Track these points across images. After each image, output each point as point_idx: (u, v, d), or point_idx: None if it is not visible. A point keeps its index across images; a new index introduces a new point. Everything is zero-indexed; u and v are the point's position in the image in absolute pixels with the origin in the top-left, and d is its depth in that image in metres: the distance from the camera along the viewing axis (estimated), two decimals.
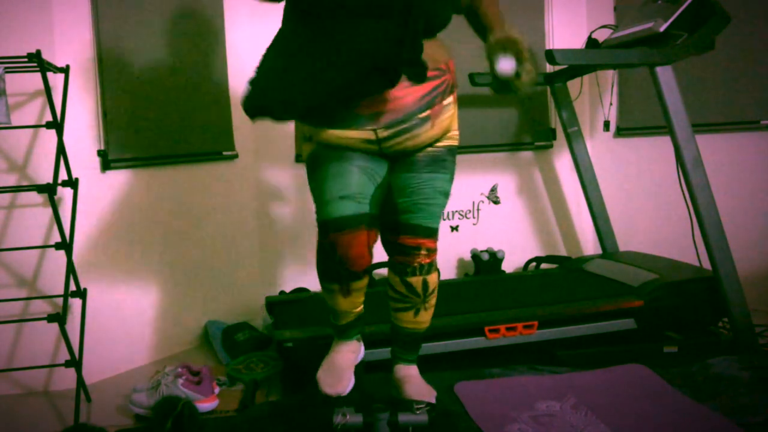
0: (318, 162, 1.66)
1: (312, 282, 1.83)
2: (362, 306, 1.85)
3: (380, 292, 1.91)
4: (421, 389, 1.79)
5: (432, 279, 1.78)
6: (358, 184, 1.63)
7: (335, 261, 1.65)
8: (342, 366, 1.81)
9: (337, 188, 1.61)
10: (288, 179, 2.92)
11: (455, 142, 1.76)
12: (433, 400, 1.76)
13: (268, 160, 2.90)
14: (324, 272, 1.74)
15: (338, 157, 1.64)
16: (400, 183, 1.71)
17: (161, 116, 2.51)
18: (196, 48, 2.63)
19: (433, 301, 1.81)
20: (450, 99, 1.70)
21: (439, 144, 1.71)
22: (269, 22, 1.83)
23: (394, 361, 1.87)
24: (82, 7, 2.29)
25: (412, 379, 1.83)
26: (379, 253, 1.85)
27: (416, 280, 1.74)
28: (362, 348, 1.92)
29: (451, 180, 1.77)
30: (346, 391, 1.76)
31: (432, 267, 1.77)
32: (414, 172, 1.70)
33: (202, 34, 2.65)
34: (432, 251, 1.75)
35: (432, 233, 1.73)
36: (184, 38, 2.59)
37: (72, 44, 2.25)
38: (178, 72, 2.56)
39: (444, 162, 1.73)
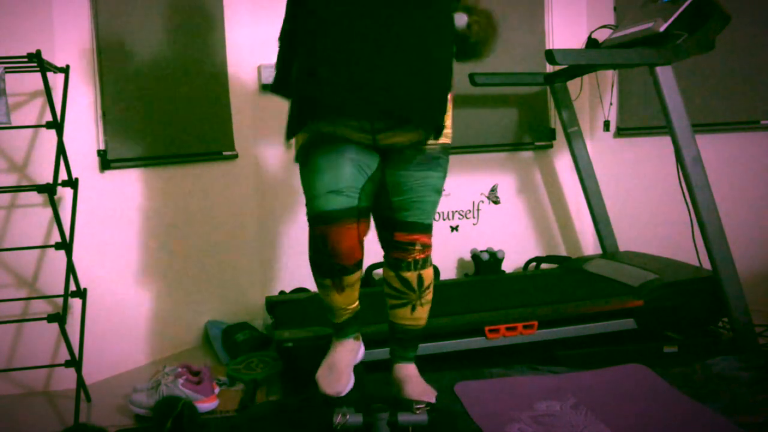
0: (310, 153, 1.68)
1: (312, 282, 1.83)
2: (358, 302, 1.84)
3: (379, 292, 1.91)
4: (421, 389, 1.80)
5: (427, 274, 1.80)
6: (348, 177, 1.64)
7: (326, 254, 1.67)
8: (341, 365, 1.81)
9: (326, 182, 1.63)
10: (288, 179, 2.92)
11: (449, 140, 1.79)
12: (433, 400, 1.76)
13: (268, 160, 2.90)
14: (316, 266, 1.73)
15: (330, 150, 1.65)
16: (394, 180, 1.73)
17: (161, 116, 2.51)
18: (196, 48, 2.63)
19: (428, 296, 1.83)
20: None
21: (432, 142, 1.73)
22: (270, 21, 1.84)
23: (393, 360, 1.88)
24: (82, 6, 2.29)
25: (412, 379, 1.83)
26: (376, 253, 1.86)
27: (411, 275, 1.78)
28: (362, 348, 1.93)
29: (444, 178, 1.79)
30: (345, 391, 1.76)
31: (427, 262, 1.80)
32: (408, 170, 1.72)
33: (203, 34, 2.65)
34: (426, 246, 1.78)
35: (427, 229, 1.77)
36: (185, 38, 2.59)
37: (72, 44, 2.25)
38: (179, 72, 2.56)
39: (438, 160, 1.75)
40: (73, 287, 2.16)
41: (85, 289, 2.24)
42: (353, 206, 1.65)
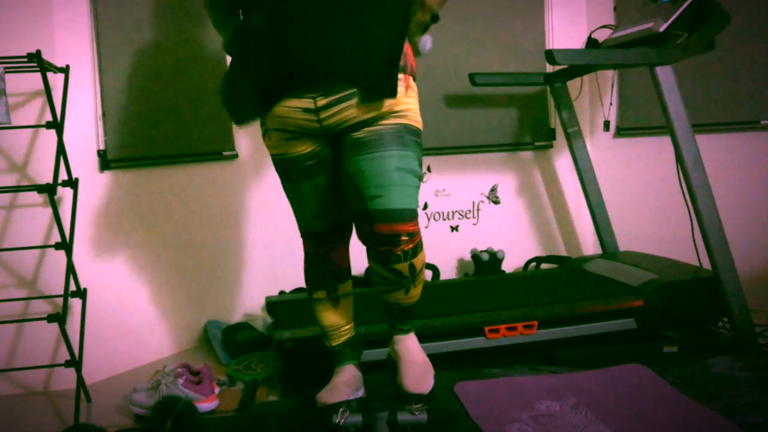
0: (281, 176, 1.76)
1: None
2: (352, 325, 1.88)
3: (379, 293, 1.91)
4: (417, 373, 1.74)
5: (419, 260, 1.65)
6: (318, 205, 1.74)
7: (320, 261, 1.80)
8: (340, 385, 1.79)
9: (304, 209, 1.76)
10: None
11: (413, 123, 1.63)
12: (431, 383, 1.74)
13: (268, 159, 2.89)
14: (312, 279, 1.83)
15: (292, 177, 1.71)
16: (359, 166, 1.58)
17: (161, 116, 2.51)
18: (196, 47, 2.63)
19: (422, 277, 1.72)
20: (399, 76, 1.63)
21: (389, 121, 1.59)
22: None
23: (392, 332, 1.82)
24: (82, 7, 2.29)
25: (411, 352, 1.78)
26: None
27: (403, 266, 1.62)
28: (362, 386, 1.86)
29: (417, 160, 1.62)
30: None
31: (418, 249, 1.63)
32: (372, 152, 1.57)
33: (203, 32, 2.65)
34: (414, 234, 1.60)
35: (409, 216, 1.58)
36: (185, 38, 2.59)
37: (72, 44, 2.25)
38: (178, 72, 2.56)
39: (402, 138, 1.59)
40: (73, 287, 2.17)
41: (85, 289, 2.24)
42: (334, 223, 1.77)
